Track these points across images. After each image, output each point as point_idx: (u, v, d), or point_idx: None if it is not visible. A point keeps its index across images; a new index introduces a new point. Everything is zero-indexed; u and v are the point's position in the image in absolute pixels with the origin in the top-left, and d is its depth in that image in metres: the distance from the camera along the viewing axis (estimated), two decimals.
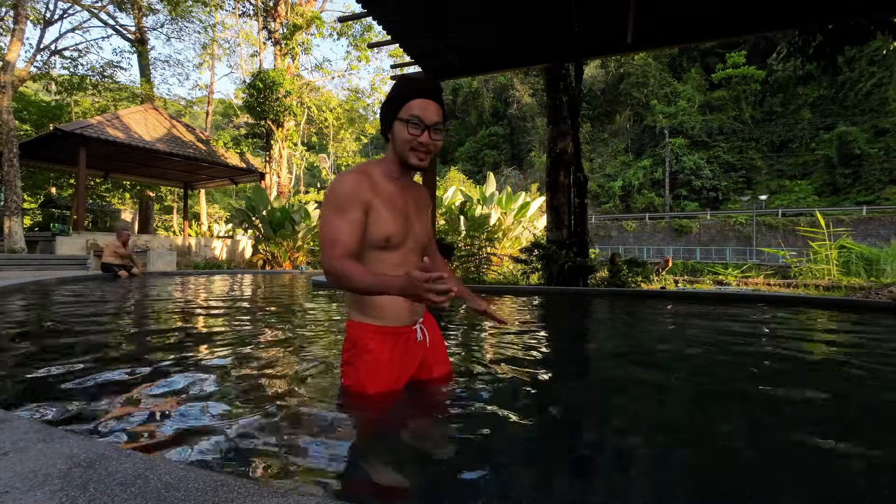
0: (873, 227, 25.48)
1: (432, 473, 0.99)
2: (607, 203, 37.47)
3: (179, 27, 20.99)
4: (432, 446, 1.12)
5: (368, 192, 1.27)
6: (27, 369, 1.78)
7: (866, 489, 0.96)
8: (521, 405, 1.44)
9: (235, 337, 2.61)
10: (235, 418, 1.25)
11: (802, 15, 5.35)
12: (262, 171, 17.97)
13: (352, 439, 1.12)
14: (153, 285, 6.95)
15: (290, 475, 0.92)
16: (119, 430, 1.16)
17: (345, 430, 1.17)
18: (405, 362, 1.39)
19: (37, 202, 21.07)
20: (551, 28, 5.78)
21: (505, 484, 0.93)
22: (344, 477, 0.92)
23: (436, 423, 1.27)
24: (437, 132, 1.28)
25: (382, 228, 1.28)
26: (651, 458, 1.09)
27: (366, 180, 1.29)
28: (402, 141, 1.28)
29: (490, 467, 1.00)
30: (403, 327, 1.37)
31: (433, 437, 1.15)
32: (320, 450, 1.06)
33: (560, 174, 6.85)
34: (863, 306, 4.52)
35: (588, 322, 3.90)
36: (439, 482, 0.95)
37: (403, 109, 1.27)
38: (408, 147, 1.28)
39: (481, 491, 0.90)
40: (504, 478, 0.97)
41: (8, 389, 1.49)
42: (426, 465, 1.02)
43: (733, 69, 37.96)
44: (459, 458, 1.05)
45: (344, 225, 1.23)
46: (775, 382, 1.75)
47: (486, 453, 1.08)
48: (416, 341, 1.40)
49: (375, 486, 0.90)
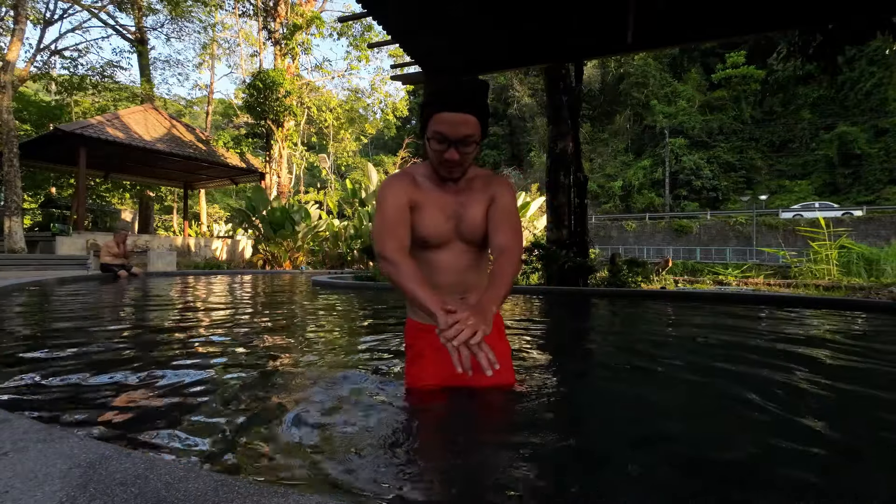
0: (873, 227, 25.47)
1: (432, 474, 0.98)
2: (607, 203, 37.46)
3: (179, 27, 21.02)
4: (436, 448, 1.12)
5: (412, 190, 1.30)
6: (27, 369, 1.78)
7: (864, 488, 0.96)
8: (523, 405, 1.43)
9: (236, 337, 2.61)
10: (236, 418, 1.25)
11: (802, 15, 5.35)
12: (262, 171, 17.98)
13: (355, 438, 1.12)
14: (153, 285, 6.95)
15: (290, 475, 0.92)
16: (119, 430, 1.16)
17: (349, 430, 1.17)
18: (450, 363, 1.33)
19: (37, 202, 21.07)
20: (551, 28, 5.78)
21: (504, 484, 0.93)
22: (344, 477, 0.92)
23: (446, 427, 1.26)
24: (467, 145, 1.21)
25: (419, 229, 1.30)
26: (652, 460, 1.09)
27: (408, 180, 1.32)
28: (430, 154, 1.26)
29: (490, 468, 1.00)
30: None
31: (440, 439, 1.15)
32: (321, 450, 1.06)
33: (560, 174, 6.84)
34: (863, 306, 4.52)
35: (588, 322, 3.90)
36: (439, 483, 0.95)
37: (430, 123, 1.22)
38: (436, 160, 1.26)
39: (482, 491, 0.90)
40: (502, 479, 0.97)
41: (8, 389, 1.49)
42: (426, 466, 1.02)
43: (733, 69, 37.94)
44: (459, 458, 1.05)
45: (396, 218, 1.26)
46: (776, 381, 1.75)
47: (494, 456, 1.08)
48: None
49: (377, 486, 0.90)
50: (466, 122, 1.19)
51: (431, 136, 1.21)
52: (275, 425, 1.22)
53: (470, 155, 1.24)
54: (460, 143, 1.20)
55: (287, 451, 1.05)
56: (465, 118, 1.18)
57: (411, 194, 1.30)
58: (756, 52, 35.44)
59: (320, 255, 15.85)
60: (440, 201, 1.31)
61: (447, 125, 1.18)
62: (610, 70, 41.21)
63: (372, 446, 1.06)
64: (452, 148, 1.20)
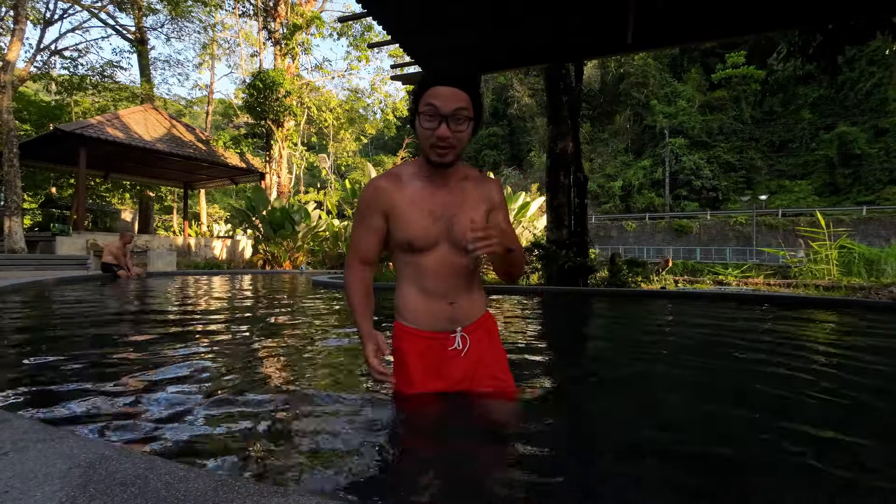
0: (873, 227, 25.48)
1: (432, 476, 0.98)
2: (607, 203, 37.47)
3: (179, 27, 21.04)
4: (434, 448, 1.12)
5: (391, 196, 1.24)
6: (27, 369, 1.78)
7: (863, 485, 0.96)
8: (524, 406, 1.43)
9: (236, 337, 2.61)
10: (236, 418, 1.25)
11: (802, 15, 5.35)
12: (262, 171, 17.98)
13: (354, 439, 1.12)
14: (153, 285, 6.95)
15: (290, 475, 0.92)
16: (119, 430, 1.16)
17: (348, 430, 1.17)
18: (438, 368, 1.29)
19: (37, 202, 21.08)
20: (551, 28, 5.78)
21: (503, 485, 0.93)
22: (345, 477, 0.92)
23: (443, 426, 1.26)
24: (459, 122, 1.16)
25: (403, 232, 1.24)
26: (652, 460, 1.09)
27: (389, 185, 1.25)
28: (421, 137, 1.19)
29: (489, 467, 1.00)
30: (436, 332, 1.28)
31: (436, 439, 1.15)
32: (321, 449, 1.06)
33: (560, 174, 6.84)
34: (863, 306, 4.52)
35: (588, 322, 3.90)
36: (438, 483, 0.95)
37: (422, 100, 1.17)
38: (427, 143, 1.18)
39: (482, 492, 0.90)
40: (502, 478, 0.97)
41: (8, 389, 1.49)
42: (426, 468, 1.02)
43: (733, 69, 37.96)
44: (459, 458, 1.05)
45: (361, 232, 1.28)
46: (775, 382, 1.75)
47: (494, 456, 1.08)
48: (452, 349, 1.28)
49: (375, 485, 0.90)
50: (458, 97, 1.15)
51: (422, 112, 1.16)
52: (275, 426, 1.22)
53: (462, 136, 1.18)
54: (452, 118, 1.14)
55: (287, 452, 1.05)
56: (457, 92, 1.15)
57: (390, 199, 1.24)
58: (756, 52, 35.46)
59: (320, 255, 15.85)
60: (429, 202, 1.24)
61: (439, 98, 1.14)
62: (610, 70, 41.21)
63: (372, 446, 1.06)
64: (444, 124, 1.14)
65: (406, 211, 1.23)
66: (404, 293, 1.30)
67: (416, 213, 1.23)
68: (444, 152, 1.18)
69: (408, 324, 1.30)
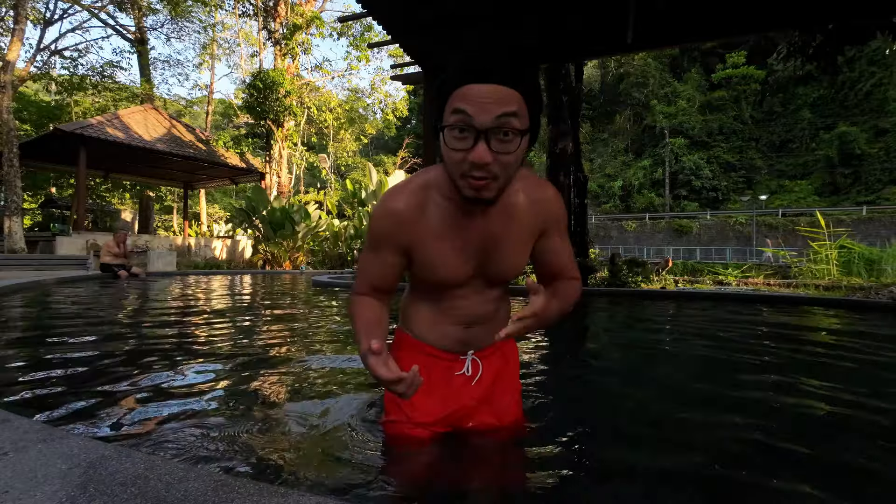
0: (873, 227, 25.48)
1: (431, 475, 0.98)
2: (607, 203, 37.47)
3: (179, 27, 21.07)
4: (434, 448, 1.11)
5: (412, 229, 0.93)
6: (27, 369, 1.78)
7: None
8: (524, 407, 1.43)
9: (236, 337, 2.61)
10: (236, 419, 1.25)
11: (802, 15, 5.35)
12: (262, 171, 17.98)
13: (354, 440, 1.12)
14: (152, 285, 6.95)
15: (289, 475, 0.92)
16: (119, 430, 1.16)
17: (348, 430, 1.17)
18: (440, 391, 1.06)
19: (37, 202, 21.10)
20: (551, 28, 5.78)
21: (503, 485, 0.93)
22: (344, 477, 0.92)
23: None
24: (506, 138, 0.77)
25: (428, 273, 0.97)
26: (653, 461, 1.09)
27: (409, 213, 0.92)
28: (447, 161, 0.82)
29: (490, 471, 1.00)
30: (444, 352, 1.06)
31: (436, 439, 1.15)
32: (322, 450, 1.06)
33: (560, 174, 6.84)
34: (863, 306, 4.52)
35: (587, 322, 3.90)
36: (438, 483, 0.95)
37: (448, 104, 0.79)
38: (457, 171, 0.80)
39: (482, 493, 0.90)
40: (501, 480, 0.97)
41: (8, 389, 1.49)
42: (425, 468, 1.02)
43: (733, 69, 37.96)
44: (459, 459, 1.05)
45: (375, 263, 0.98)
46: (775, 380, 1.75)
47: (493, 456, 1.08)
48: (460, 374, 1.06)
49: (375, 485, 0.90)
50: (504, 98, 0.75)
51: (449, 124, 0.78)
52: (275, 426, 1.22)
53: (510, 159, 0.80)
54: (495, 132, 0.76)
55: (287, 452, 1.05)
56: (502, 91, 0.75)
57: (411, 234, 0.93)
58: (756, 52, 35.46)
59: (320, 255, 15.85)
60: (461, 235, 0.94)
61: (474, 102, 0.75)
62: (610, 70, 41.22)
63: (372, 446, 1.06)
64: (482, 142, 0.76)
65: (432, 248, 0.94)
66: (415, 304, 1.09)
67: (444, 251, 0.94)
68: (482, 184, 0.80)
69: (412, 334, 1.10)
